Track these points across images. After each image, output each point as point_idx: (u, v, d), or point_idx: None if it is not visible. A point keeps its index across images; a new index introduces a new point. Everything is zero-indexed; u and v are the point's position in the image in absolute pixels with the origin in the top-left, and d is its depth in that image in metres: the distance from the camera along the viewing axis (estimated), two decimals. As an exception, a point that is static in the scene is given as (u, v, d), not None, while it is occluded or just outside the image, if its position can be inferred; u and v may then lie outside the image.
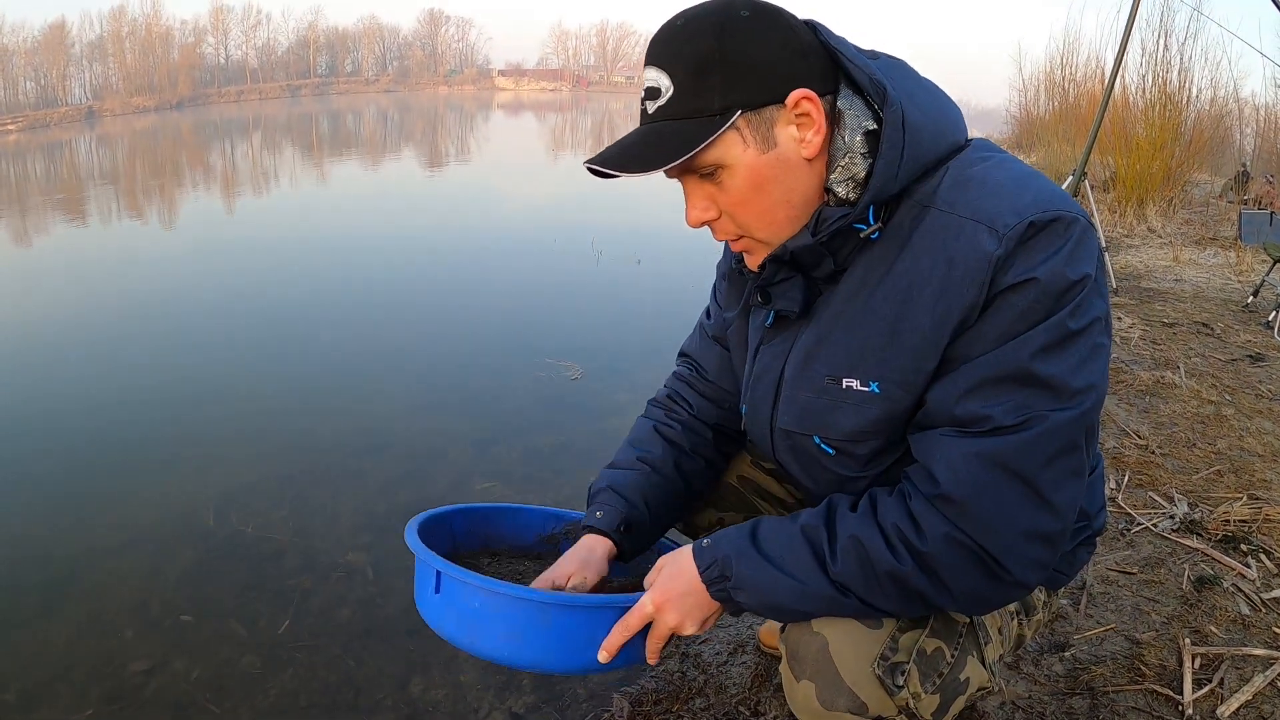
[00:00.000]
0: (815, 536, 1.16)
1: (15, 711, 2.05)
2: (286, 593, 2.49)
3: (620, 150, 1.12)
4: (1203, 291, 5.92)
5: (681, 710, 1.88)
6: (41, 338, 5.32)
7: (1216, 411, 3.54)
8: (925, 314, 1.09)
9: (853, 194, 1.13)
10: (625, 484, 1.48)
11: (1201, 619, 2.14)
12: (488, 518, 1.63)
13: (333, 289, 6.43)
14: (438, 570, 1.27)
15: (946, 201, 1.10)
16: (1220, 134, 11.11)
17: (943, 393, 1.10)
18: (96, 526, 2.93)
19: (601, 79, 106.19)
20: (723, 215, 1.16)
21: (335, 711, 2.02)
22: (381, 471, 3.30)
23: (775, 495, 1.66)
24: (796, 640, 1.18)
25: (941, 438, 1.10)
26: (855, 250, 1.17)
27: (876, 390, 1.15)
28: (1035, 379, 1.05)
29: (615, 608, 1.25)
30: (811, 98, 1.08)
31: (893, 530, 1.11)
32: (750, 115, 1.08)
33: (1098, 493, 1.37)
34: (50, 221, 10.40)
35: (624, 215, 9.94)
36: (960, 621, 1.23)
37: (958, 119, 1.19)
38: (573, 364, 4.45)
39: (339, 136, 26.15)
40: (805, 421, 1.25)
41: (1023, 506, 1.07)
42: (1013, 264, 1.04)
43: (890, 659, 1.14)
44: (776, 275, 1.23)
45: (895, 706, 1.15)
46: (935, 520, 1.09)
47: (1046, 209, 1.05)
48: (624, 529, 1.44)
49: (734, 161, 1.10)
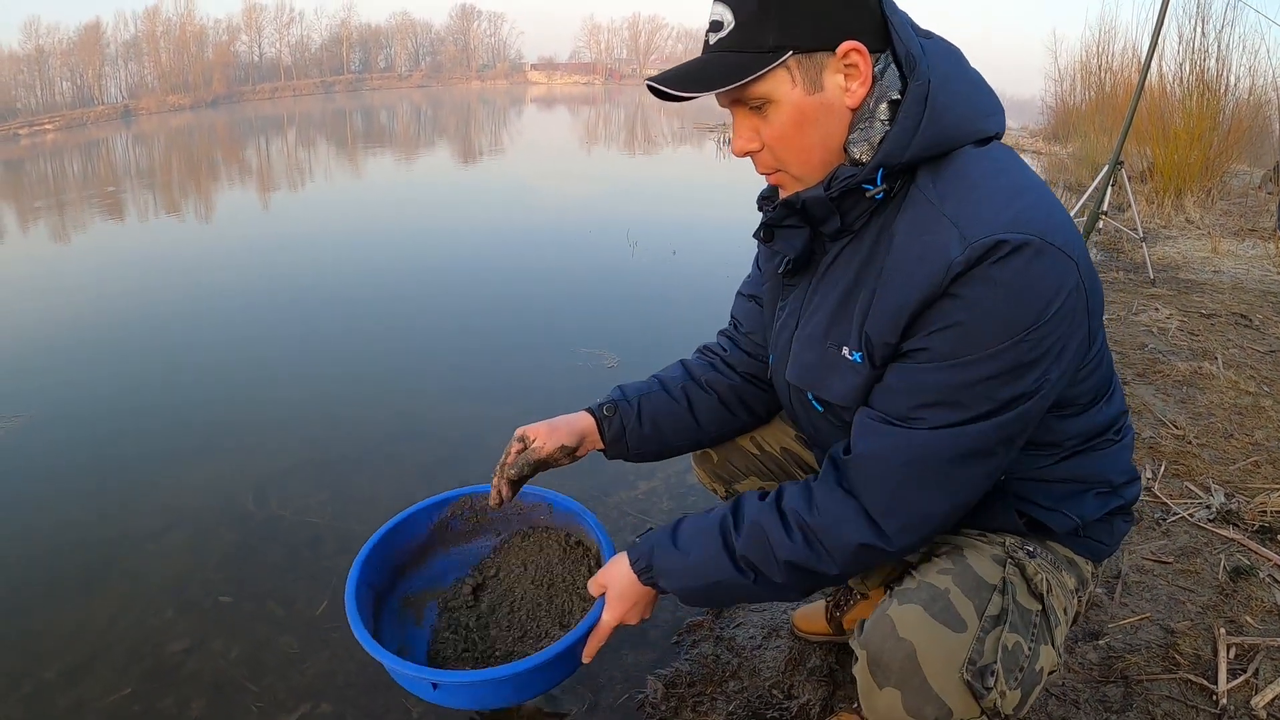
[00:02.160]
0: (724, 525, 1.31)
1: (56, 688, 2.09)
2: (324, 575, 2.52)
3: (678, 74, 1.19)
4: (1241, 283, 5.84)
5: (715, 692, 1.89)
6: (88, 326, 5.41)
7: (1254, 402, 3.50)
8: (893, 297, 1.15)
9: (866, 156, 1.19)
10: (631, 388, 1.66)
11: (1237, 609, 2.12)
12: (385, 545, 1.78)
13: (372, 279, 6.47)
14: (432, 682, 1.47)
15: (939, 193, 1.14)
16: (1259, 124, 10.89)
17: (887, 380, 1.19)
18: (138, 509, 2.98)
19: (634, 72, 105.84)
20: (764, 148, 1.23)
21: (371, 691, 2.04)
22: (419, 457, 3.34)
23: (812, 466, 1.69)
24: (880, 646, 1.20)
25: (872, 422, 1.20)
26: (863, 214, 1.22)
27: (859, 361, 1.22)
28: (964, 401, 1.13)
29: (583, 636, 1.48)
30: (861, 50, 1.13)
31: (790, 514, 1.24)
32: (801, 57, 1.14)
33: (1125, 462, 1.38)
34: (93, 215, 10.55)
35: (659, 207, 9.93)
36: (1032, 609, 1.25)
37: (991, 112, 1.21)
38: (609, 353, 4.46)
39: (374, 132, 26.30)
40: (804, 377, 1.34)
41: (918, 489, 1.18)
42: (970, 279, 1.08)
43: (978, 662, 1.16)
44: (785, 219, 1.30)
45: (981, 710, 1.17)
46: (830, 492, 1.22)
47: (1022, 230, 1.07)
48: (608, 411, 1.63)
49: (780, 98, 1.16)
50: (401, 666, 1.46)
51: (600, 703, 1.92)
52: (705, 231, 8.41)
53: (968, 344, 1.10)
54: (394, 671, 1.52)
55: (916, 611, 1.18)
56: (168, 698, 2.04)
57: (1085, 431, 1.30)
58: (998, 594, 1.22)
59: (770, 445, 1.74)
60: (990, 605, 1.20)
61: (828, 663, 1.96)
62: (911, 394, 1.15)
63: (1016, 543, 1.31)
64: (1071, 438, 1.29)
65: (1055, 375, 1.14)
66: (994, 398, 1.12)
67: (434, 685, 1.46)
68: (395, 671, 1.51)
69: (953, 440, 1.14)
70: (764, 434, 1.75)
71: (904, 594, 1.21)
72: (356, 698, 2.03)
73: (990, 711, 1.17)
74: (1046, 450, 1.29)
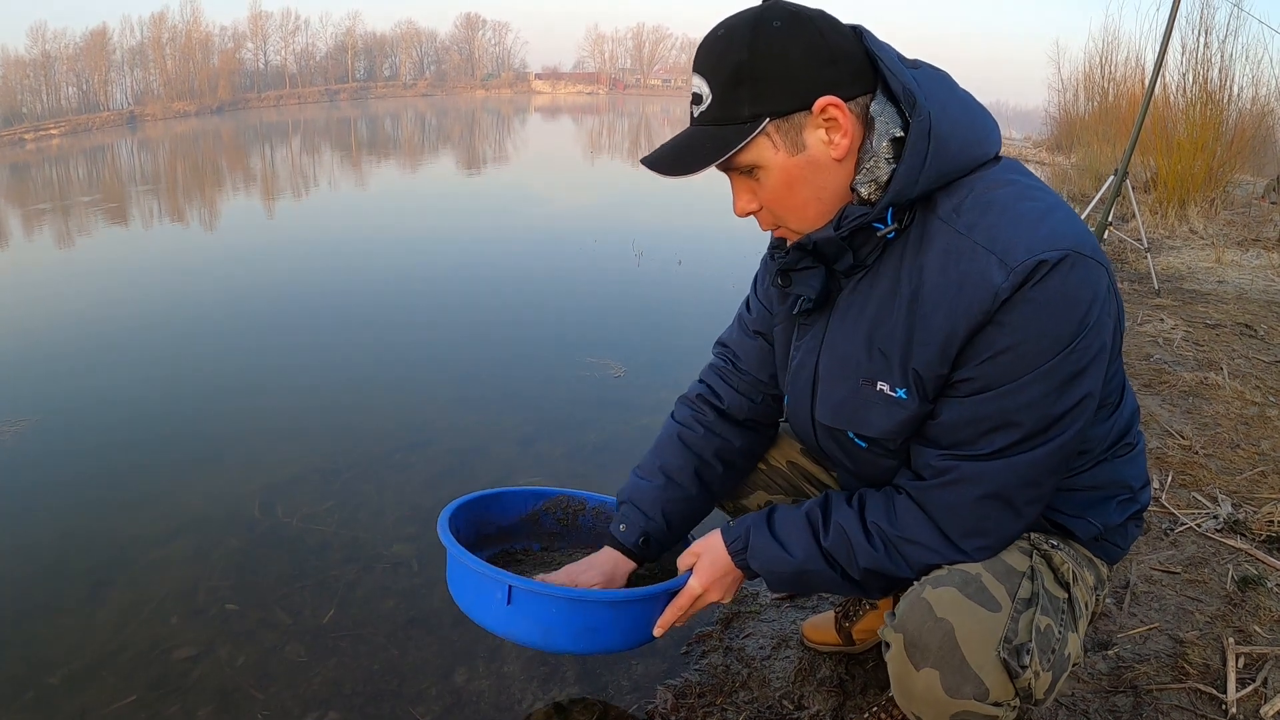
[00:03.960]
0: (812, 519, 1.37)
1: (61, 695, 2.08)
2: (331, 583, 2.52)
3: (669, 152, 1.24)
4: (1245, 293, 5.84)
5: (725, 703, 1.89)
6: (93, 332, 5.42)
7: (1260, 413, 3.50)
8: (938, 330, 1.17)
9: (874, 195, 1.21)
10: (645, 498, 1.64)
11: (1245, 619, 2.12)
12: (481, 506, 1.82)
13: (378, 287, 6.49)
14: (510, 585, 1.44)
15: (966, 223, 1.16)
16: (1262, 133, 10.88)
17: (944, 416, 1.23)
18: (143, 517, 2.98)
19: (638, 82, 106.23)
20: (763, 208, 1.27)
21: (379, 699, 2.04)
22: (427, 466, 3.34)
23: (822, 481, 1.72)
24: (918, 628, 1.22)
25: (940, 460, 1.24)
26: (875, 249, 1.25)
27: (904, 396, 1.25)
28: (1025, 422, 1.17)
29: (667, 594, 1.50)
30: (837, 104, 1.15)
31: (873, 527, 1.30)
32: (779, 121, 1.17)
33: (1140, 467, 1.43)
34: (99, 221, 10.58)
35: (664, 217, 9.94)
36: (1060, 596, 1.29)
37: (989, 133, 1.24)
38: (615, 362, 4.47)
39: (378, 140, 26.37)
40: (840, 418, 1.35)
41: (996, 511, 1.23)
42: (1013, 303, 1.11)
43: (1013, 641, 1.19)
44: (799, 262, 1.32)
45: (1014, 689, 1.19)
46: (910, 511, 1.27)
47: (1058, 246, 1.11)
48: (642, 542, 1.63)
49: (767, 163, 1.20)
50: (476, 564, 1.47)
51: (610, 713, 1.92)
52: (710, 241, 8.42)
53: (1020, 366, 1.14)
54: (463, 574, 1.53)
55: (952, 593, 1.21)
56: (173, 705, 2.03)
57: (1109, 437, 1.35)
58: (1027, 580, 1.25)
59: (776, 460, 1.75)
60: (1021, 589, 1.23)
61: (837, 673, 1.96)
62: (973, 425, 1.20)
63: (1041, 537, 1.35)
64: (1099, 444, 1.34)
65: (1099, 379, 1.19)
66: (1050, 413, 1.16)
67: (509, 591, 1.44)
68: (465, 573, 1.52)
69: (1025, 464, 1.20)
70: (769, 451, 1.76)
71: (936, 580, 1.24)
72: (364, 706, 2.03)
73: (1023, 693, 1.20)
74: (1078, 459, 1.33)
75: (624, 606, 1.50)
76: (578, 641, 1.50)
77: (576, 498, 1.93)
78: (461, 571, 1.54)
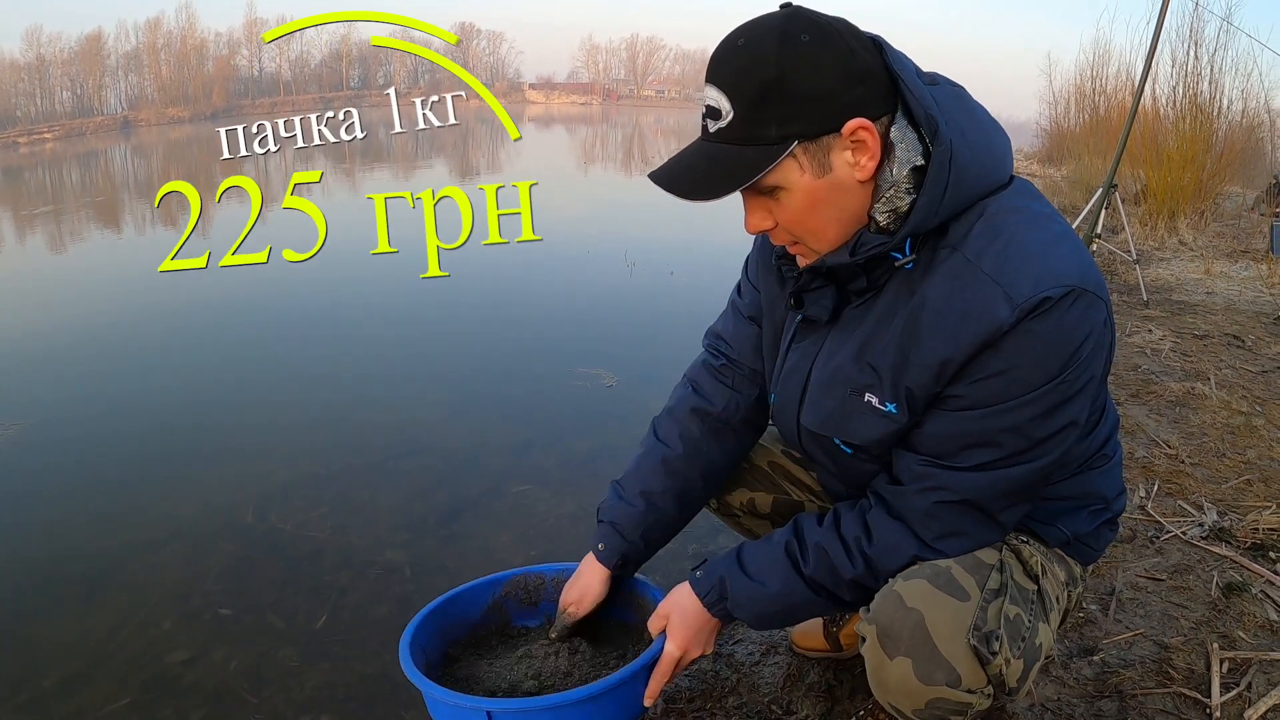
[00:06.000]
0: (790, 550, 1.36)
1: (55, 697, 2.10)
2: (324, 589, 2.54)
3: (683, 171, 1.19)
4: (1234, 304, 5.88)
5: (715, 708, 1.90)
6: (89, 338, 5.43)
7: (1247, 422, 3.53)
8: (935, 353, 1.18)
9: (893, 225, 1.19)
10: (626, 522, 1.61)
11: (1230, 624, 2.14)
12: (439, 615, 1.75)
13: (373, 296, 6.51)
14: (487, 711, 1.41)
15: (975, 250, 1.16)
16: (1252, 146, 10.96)
17: (929, 426, 1.24)
18: (137, 521, 3.00)
19: (631, 93, 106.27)
20: (779, 226, 1.23)
21: (372, 703, 2.06)
22: (420, 474, 3.36)
23: (802, 481, 1.73)
24: (890, 618, 1.24)
25: (920, 466, 1.26)
26: (888, 273, 1.24)
27: (894, 411, 1.26)
28: (1007, 444, 1.19)
29: (647, 668, 1.48)
30: (867, 126, 1.12)
31: (852, 541, 1.30)
32: (807, 144, 1.12)
33: (1116, 478, 1.46)
34: (89, 227, 10.56)
35: (656, 228, 9.96)
36: (1029, 588, 1.32)
37: (1004, 154, 1.23)
38: (607, 372, 4.49)
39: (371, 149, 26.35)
40: (827, 425, 1.36)
41: (971, 518, 1.26)
42: (1019, 333, 1.12)
43: (983, 628, 1.22)
44: (812, 283, 1.31)
45: (986, 677, 1.22)
46: (884, 520, 1.29)
47: (1062, 282, 1.12)
48: (620, 563, 1.62)
49: (791, 185, 1.16)
50: (452, 697, 1.44)
51: None
52: (702, 252, 8.46)
53: (1009, 390, 1.16)
54: (439, 709, 1.49)
55: (922, 584, 1.23)
56: (167, 708, 2.05)
57: (1087, 452, 1.38)
58: (995, 571, 1.28)
59: (757, 460, 1.76)
60: (990, 580, 1.26)
61: (825, 678, 1.97)
62: (955, 439, 1.22)
63: (1010, 535, 1.37)
64: (1076, 459, 1.37)
65: (1085, 408, 1.22)
66: (1032, 437, 1.19)
67: (488, 716, 1.41)
68: (441, 708, 1.48)
69: (1003, 479, 1.22)
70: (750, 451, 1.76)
71: (908, 574, 1.26)
72: (356, 710, 2.04)
73: (995, 680, 1.23)
74: (1056, 472, 1.33)
75: (608, 697, 1.45)
76: None
77: (534, 574, 1.85)
78: (437, 706, 1.50)
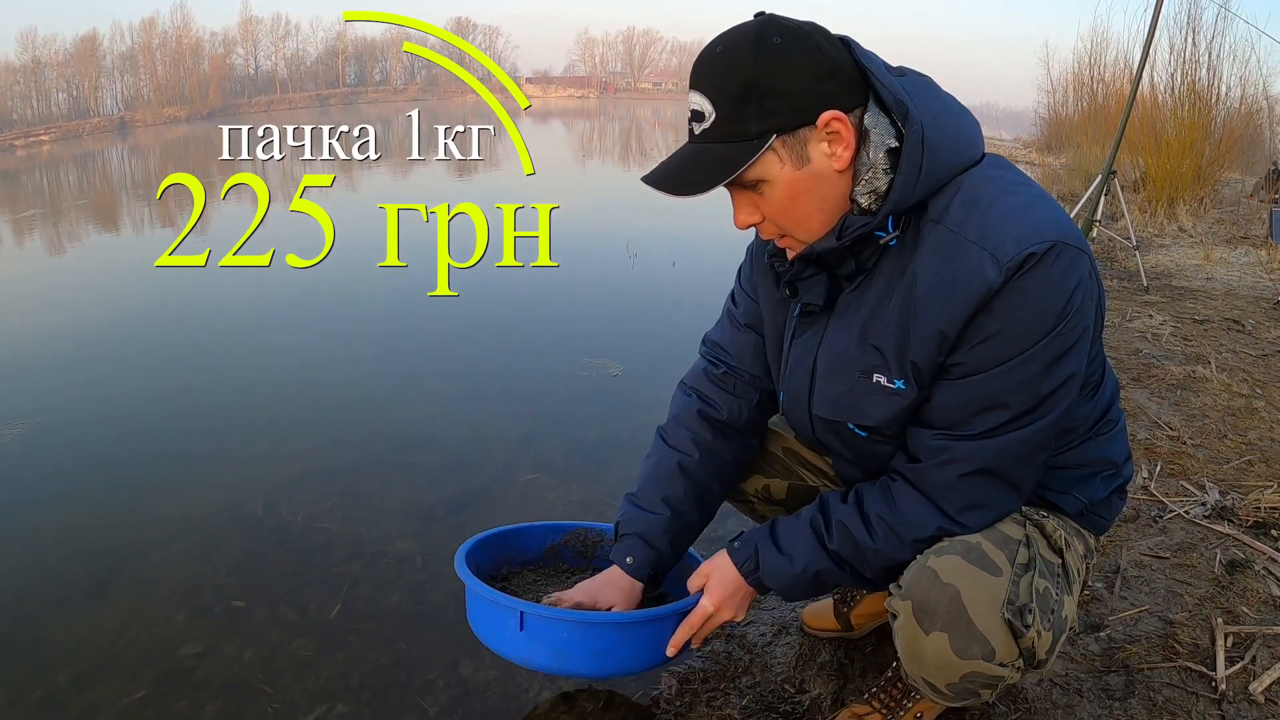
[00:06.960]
0: (815, 525, 1.41)
1: (69, 693, 2.09)
2: (336, 579, 2.55)
3: (673, 170, 1.26)
4: (1234, 289, 5.91)
5: (728, 688, 1.93)
6: (95, 332, 5.45)
7: (1247, 404, 3.55)
8: (933, 324, 1.22)
9: (874, 205, 1.25)
10: (653, 530, 1.63)
11: (1233, 600, 2.17)
12: (501, 540, 1.84)
13: (378, 288, 6.52)
14: (521, 611, 1.47)
15: (956, 221, 1.21)
16: (1250, 132, 10.96)
17: (937, 398, 1.28)
18: (147, 516, 3.00)
19: (628, 85, 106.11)
20: (765, 220, 1.30)
21: (387, 690, 2.07)
22: (428, 464, 3.37)
23: (816, 466, 1.76)
24: (925, 594, 1.28)
25: (934, 439, 1.29)
26: (875, 254, 1.30)
27: (902, 387, 1.30)
28: (1014, 403, 1.23)
29: (679, 613, 1.53)
30: (840, 118, 1.19)
31: (875, 518, 1.35)
32: (785, 137, 1.20)
33: (1122, 443, 1.50)
34: (88, 227, 10.57)
35: (657, 220, 9.95)
36: (1054, 562, 1.36)
37: (974, 135, 1.30)
38: (613, 361, 4.50)
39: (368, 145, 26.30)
40: (839, 410, 1.40)
41: (991, 486, 1.29)
42: (1009, 292, 1.17)
43: (1016, 602, 1.26)
44: (804, 272, 1.36)
45: (1018, 650, 1.27)
46: (908, 495, 1.33)
47: (1044, 238, 1.17)
48: (651, 574, 1.63)
49: (773, 177, 1.23)
50: (492, 594, 1.50)
51: (615, 699, 1.95)
52: (704, 242, 8.46)
53: (1008, 350, 1.20)
54: (478, 605, 1.57)
55: (955, 560, 1.27)
56: (181, 700, 2.05)
57: (1093, 416, 1.42)
58: (1023, 546, 1.31)
59: (771, 446, 1.79)
60: (1019, 555, 1.30)
61: (837, 657, 2.00)
62: (965, 406, 1.25)
63: (1031, 509, 1.41)
64: (1084, 423, 1.41)
65: (1083, 359, 1.25)
66: (1038, 393, 1.22)
67: (521, 617, 1.47)
68: (480, 603, 1.56)
69: (1016, 441, 1.25)
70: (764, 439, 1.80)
71: (939, 549, 1.30)
72: (372, 699, 2.05)
73: (1027, 653, 1.27)
74: (1065, 438, 1.39)
75: (636, 628, 1.52)
76: (592, 665, 1.55)
77: (594, 530, 1.93)
78: (475, 601, 1.59)
